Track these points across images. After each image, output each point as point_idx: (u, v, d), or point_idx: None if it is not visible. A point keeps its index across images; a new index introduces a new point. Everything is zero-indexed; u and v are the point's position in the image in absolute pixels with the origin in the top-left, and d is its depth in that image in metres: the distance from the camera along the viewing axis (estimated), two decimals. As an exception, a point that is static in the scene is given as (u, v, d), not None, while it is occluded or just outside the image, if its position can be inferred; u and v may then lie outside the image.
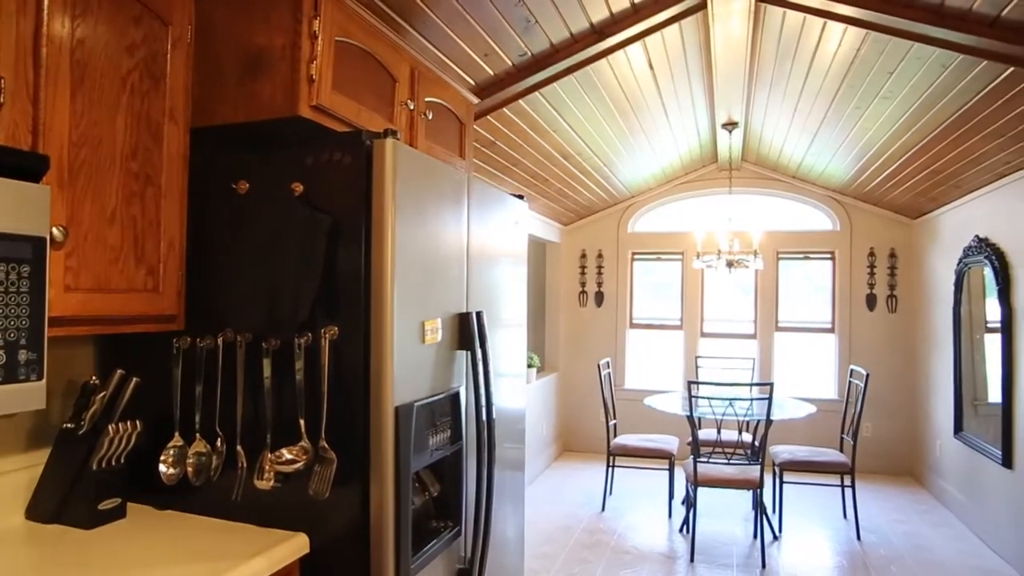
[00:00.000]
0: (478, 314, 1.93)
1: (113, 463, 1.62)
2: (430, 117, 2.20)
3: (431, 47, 2.59)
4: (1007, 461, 4.05)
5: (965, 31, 2.54)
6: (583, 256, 6.70)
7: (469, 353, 1.90)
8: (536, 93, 3.30)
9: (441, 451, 1.80)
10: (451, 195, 1.85)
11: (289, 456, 1.56)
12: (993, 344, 4.31)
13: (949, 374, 5.02)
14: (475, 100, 2.64)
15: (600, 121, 4.02)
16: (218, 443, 1.63)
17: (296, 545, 1.54)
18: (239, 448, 1.62)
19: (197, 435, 1.64)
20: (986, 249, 4.35)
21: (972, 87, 3.04)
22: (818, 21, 2.92)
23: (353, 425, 1.56)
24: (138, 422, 1.64)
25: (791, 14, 2.95)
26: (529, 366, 5.49)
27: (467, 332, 1.88)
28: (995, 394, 4.24)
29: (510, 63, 2.95)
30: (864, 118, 3.88)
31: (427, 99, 2.21)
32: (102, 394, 1.61)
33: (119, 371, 1.63)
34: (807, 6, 2.80)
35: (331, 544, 1.57)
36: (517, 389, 2.38)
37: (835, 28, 2.94)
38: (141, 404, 1.66)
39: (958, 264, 4.85)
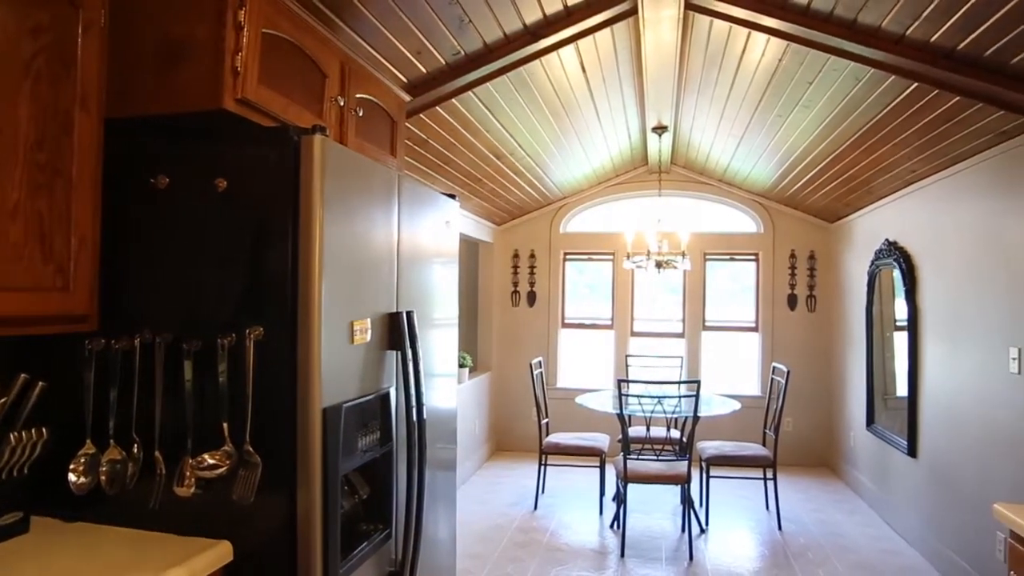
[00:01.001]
0: (408, 314, 1.91)
1: (15, 474, 1.53)
2: (361, 114, 2.16)
3: (363, 43, 2.55)
4: (912, 451, 4.30)
5: (875, 47, 2.69)
6: (516, 256, 6.74)
7: (399, 353, 1.88)
8: (469, 92, 3.29)
9: (371, 453, 1.77)
10: (381, 194, 1.83)
11: (212, 461, 1.51)
12: (901, 341, 4.57)
13: (862, 370, 5.29)
14: (407, 98, 2.61)
15: (533, 122, 4.05)
16: (134, 449, 1.56)
17: (218, 553, 1.48)
18: (157, 454, 1.55)
19: (111, 442, 1.56)
20: (895, 252, 4.61)
21: (882, 100, 3.21)
22: (743, 31, 3.03)
23: (279, 428, 1.51)
24: (44, 429, 1.55)
25: (718, 23, 3.05)
26: (461, 366, 5.47)
27: (397, 332, 1.86)
28: (902, 388, 4.50)
29: (443, 62, 2.93)
30: (785, 126, 4.05)
31: (358, 96, 2.17)
32: (2, 400, 1.51)
33: (22, 375, 1.53)
34: (733, 16, 2.89)
35: (256, 551, 1.52)
36: (449, 389, 2.37)
37: (759, 39, 3.05)
38: (49, 410, 1.57)
39: (870, 266, 5.12)
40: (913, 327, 4.34)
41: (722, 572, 3.85)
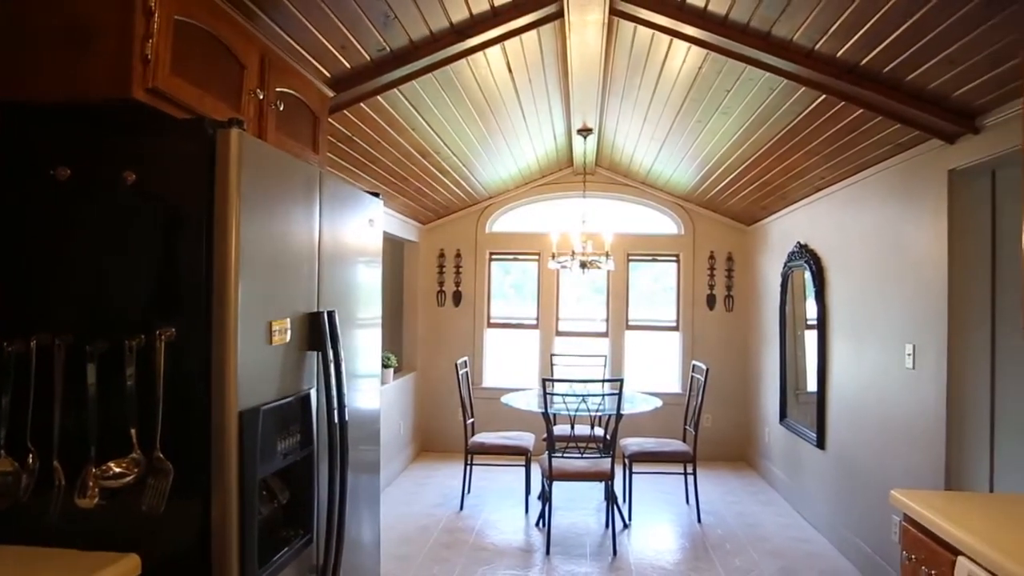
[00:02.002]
0: (330, 314, 1.86)
1: None
2: (281, 108, 2.10)
3: (284, 35, 2.47)
4: (820, 443, 4.53)
5: (787, 59, 2.81)
6: (441, 255, 6.70)
7: (320, 354, 1.83)
8: (395, 90, 3.25)
9: (291, 456, 1.72)
10: (302, 191, 1.78)
11: (118, 470, 1.43)
12: (811, 339, 4.81)
13: (776, 367, 5.53)
14: (331, 93, 2.55)
15: (459, 121, 4.04)
16: (29, 460, 1.46)
17: (125, 567, 1.41)
18: (56, 464, 1.45)
19: (2, 452, 1.45)
20: (806, 254, 4.84)
21: (794, 109, 3.37)
22: (665, 38, 3.11)
23: (193, 433, 1.45)
24: (-74, 439, 1.43)
25: (641, 30, 3.12)
26: (385, 366, 5.40)
27: (318, 332, 1.81)
28: (813, 384, 4.73)
29: (368, 57, 2.88)
30: (705, 131, 4.18)
31: (278, 89, 2.11)
32: None
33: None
34: (656, 24, 2.97)
35: (167, 563, 1.45)
36: (372, 390, 2.33)
37: (680, 46, 3.14)
38: (-68, 418, 1.45)
39: (784, 267, 5.36)
40: (822, 326, 4.57)
41: (644, 566, 3.94)
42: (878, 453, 3.74)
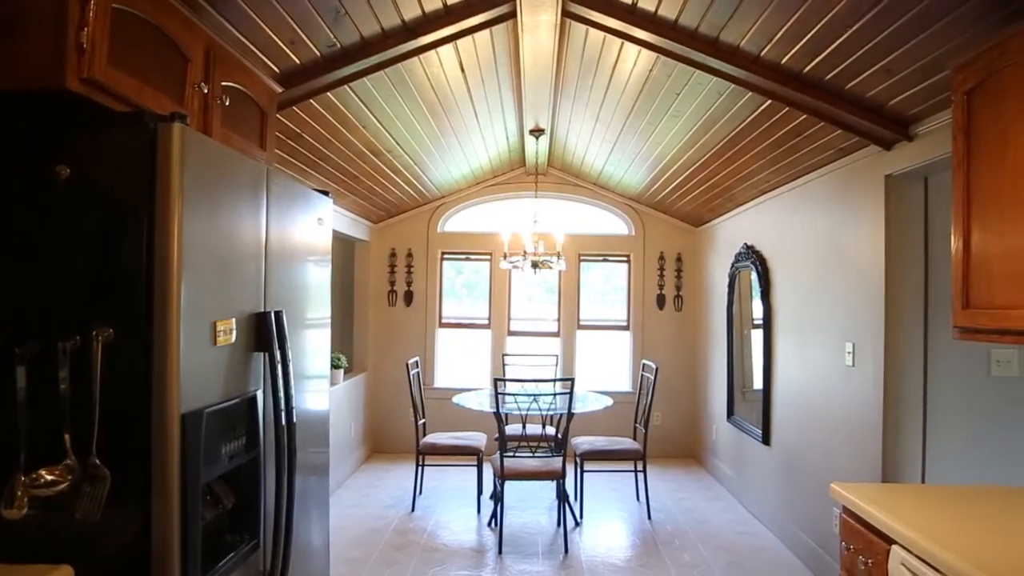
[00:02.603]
0: (277, 314, 1.82)
1: None
2: (227, 103, 2.04)
3: (231, 28, 2.41)
4: (766, 439, 4.65)
5: (735, 64, 2.88)
6: (393, 255, 6.64)
7: (267, 355, 1.79)
8: (346, 87, 3.20)
9: (237, 459, 1.68)
10: (249, 188, 1.74)
11: (50, 478, 1.37)
12: (758, 338, 4.94)
13: (723, 365, 5.66)
14: (279, 89, 2.50)
15: (411, 119, 4.00)
16: (-46, 467, 1.38)
17: (58, 578, 1.35)
18: (-17, 472, 1.38)
19: (-74, 459, 1.38)
20: (752, 255, 4.97)
21: (741, 114, 3.45)
22: (617, 41, 3.15)
23: (132, 437, 1.40)
24: None
25: (593, 32, 3.15)
26: (335, 367, 5.32)
27: (265, 332, 1.77)
28: (759, 382, 4.85)
29: (318, 53, 2.83)
30: (655, 133, 4.25)
31: (224, 83, 2.05)
32: None
33: None
34: (607, 26, 3.00)
35: (104, 573, 1.40)
36: (321, 391, 2.29)
37: (631, 49, 3.18)
38: None
39: (731, 268, 5.48)
40: (767, 325, 4.69)
41: (596, 563, 3.98)
42: (820, 448, 3.86)
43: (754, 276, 4.97)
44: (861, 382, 3.41)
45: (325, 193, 2.31)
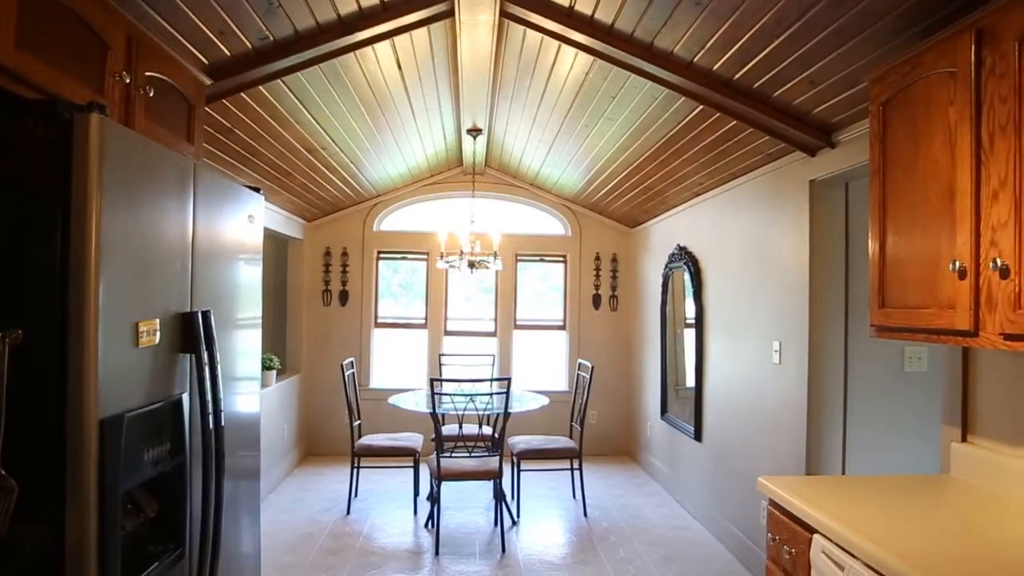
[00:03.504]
0: (204, 313, 1.76)
1: None
2: (151, 94, 1.96)
3: (154, 15, 2.31)
4: (698, 436, 4.78)
5: (669, 69, 2.94)
6: (327, 254, 6.51)
7: (194, 356, 1.73)
8: (279, 81, 3.12)
9: (161, 466, 1.61)
10: (174, 183, 1.67)
11: (-49, 489, 1.28)
12: (690, 337, 5.06)
13: (657, 364, 5.78)
14: (208, 81, 2.41)
15: (347, 117, 3.93)
16: None
17: (-39, 596, 1.26)
18: None
19: None
20: (685, 256, 5.09)
21: (674, 118, 3.53)
22: (554, 43, 3.17)
23: (43, 445, 1.32)
24: None
25: (531, 33, 3.17)
26: (267, 368, 5.18)
27: (191, 333, 1.71)
28: (691, 380, 4.98)
29: (249, 45, 2.75)
30: (591, 135, 4.31)
31: (148, 73, 1.96)
32: None
33: None
34: (545, 28, 3.02)
35: (12, 589, 1.32)
36: (252, 393, 2.23)
37: (568, 52, 3.21)
38: None
39: (664, 268, 5.61)
40: (700, 324, 4.82)
41: (533, 561, 4.00)
42: (749, 443, 3.99)
43: (687, 277, 5.10)
44: (787, 379, 3.54)
45: (256, 190, 2.24)
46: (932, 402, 3.25)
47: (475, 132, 5.02)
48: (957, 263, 1.78)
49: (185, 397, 1.71)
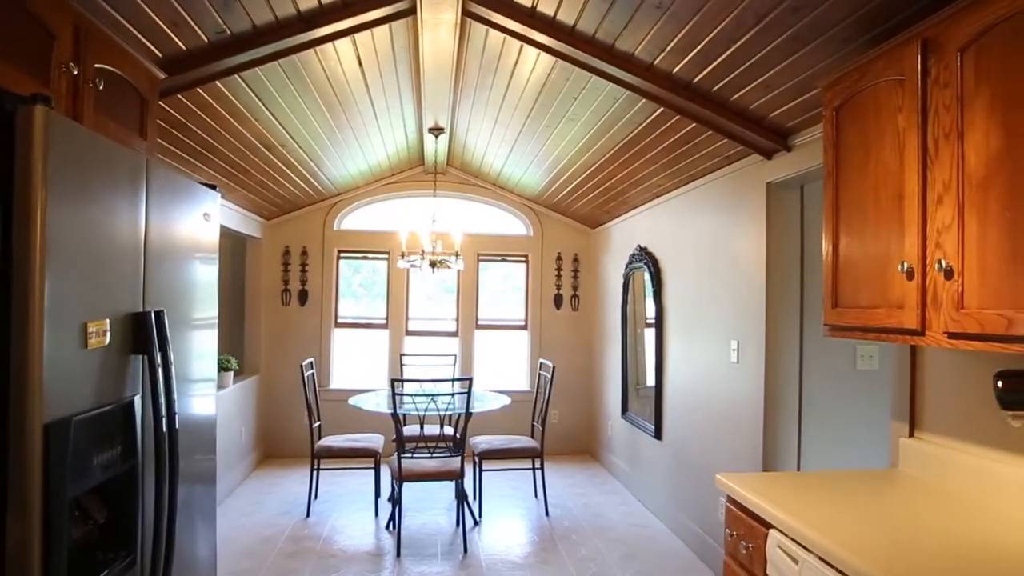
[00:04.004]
0: (158, 314, 1.71)
1: None
2: (101, 87, 1.90)
3: (104, 5, 2.24)
4: (658, 434, 4.84)
5: (630, 71, 2.97)
6: (287, 253, 6.41)
7: (146, 357, 1.68)
8: (236, 76, 3.06)
9: (111, 470, 1.56)
10: (126, 179, 1.62)
11: None
12: (650, 337, 5.12)
13: (618, 363, 5.83)
14: (162, 75, 2.35)
15: (307, 114, 3.88)
16: None
17: None
18: None
19: None
20: (645, 256, 5.15)
21: (635, 119, 3.57)
22: (516, 43, 3.17)
23: (-15, 450, 1.27)
24: None
25: (493, 33, 3.16)
26: (225, 369, 5.07)
27: (144, 334, 1.66)
28: (651, 379, 5.04)
29: (206, 39, 2.68)
30: (553, 136, 4.32)
31: (98, 66, 1.90)
32: None
33: None
34: (507, 28, 3.02)
35: (-49, 600, 1.27)
36: (207, 395, 2.18)
37: (530, 52, 3.22)
38: None
39: (625, 269, 5.66)
40: (660, 324, 4.88)
41: (495, 561, 4.00)
42: (708, 441, 4.05)
43: (647, 277, 5.16)
44: (745, 378, 3.61)
45: (212, 187, 2.19)
46: (883, 399, 3.35)
47: (437, 131, 5.00)
48: (905, 264, 1.84)
49: (137, 399, 1.67)
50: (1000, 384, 1.89)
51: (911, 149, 1.83)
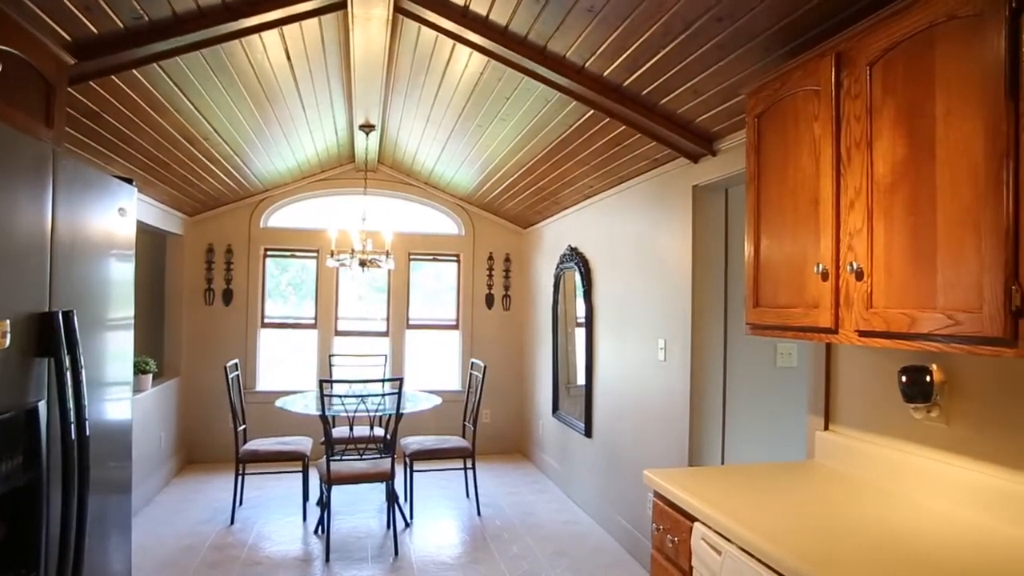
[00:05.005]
0: (66, 314, 1.62)
1: None
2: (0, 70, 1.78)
3: (8, -14, 2.10)
4: (588, 432, 4.91)
5: (561, 73, 3.00)
6: (210, 250, 6.18)
7: (53, 360, 1.58)
8: (155, 65, 2.93)
9: (11, 482, 1.47)
10: (29, 171, 1.53)
11: None
12: (581, 336, 5.19)
13: (549, 363, 5.88)
14: (71, 60, 2.23)
15: (232, 107, 3.75)
16: None
17: None
18: None
19: None
20: (576, 257, 5.21)
21: (566, 121, 3.61)
22: (449, 42, 3.16)
23: None
24: None
25: (426, 30, 3.13)
26: (143, 372, 4.85)
27: (50, 335, 1.57)
28: (582, 378, 5.11)
29: (121, 24, 2.56)
30: (485, 136, 4.32)
31: (-1, 49, 1.79)
32: None
33: None
34: (440, 26, 2.99)
35: None
36: (123, 399, 2.07)
37: (463, 51, 3.21)
38: None
39: (556, 269, 5.72)
40: (590, 323, 4.95)
41: (426, 563, 3.97)
42: (637, 438, 4.14)
43: (578, 277, 5.22)
44: (672, 375, 3.70)
45: (129, 181, 2.09)
46: (801, 395, 3.50)
47: (368, 128, 4.92)
48: (820, 266, 1.92)
49: (42, 405, 1.57)
50: (904, 379, 2.02)
51: (826, 156, 1.92)
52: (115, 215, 1.99)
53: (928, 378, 1.95)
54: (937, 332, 1.55)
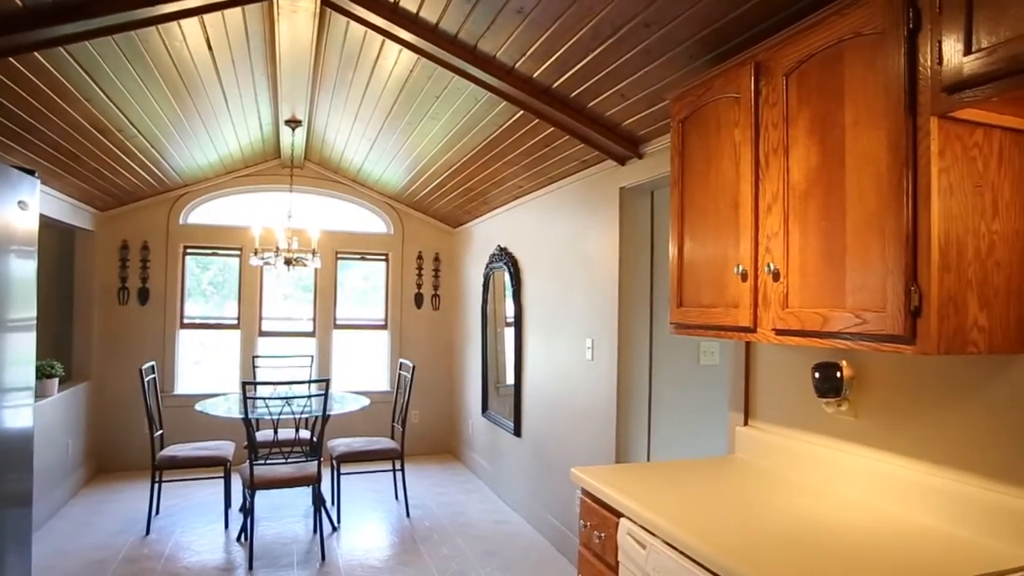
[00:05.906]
0: (-39, 315, 1.51)
1: None
2: None
3: None
4: (517, 431, 4.94)
5: (491, 73, 3.01)
6: (125, 247, 5.88)
7: (-54, 365, 1.48)
8: (61, 49, 2.76)
9: None
10: (-81, 159, 1.41)
11: None
12: (510, 336, 5.21)
13: (478, 362, 5.89)
14: (-34, 42, 2.08)
15: (148, 97, 3.58)
16: None
17: None
18: None
19: None
20: (505, 257, 5.24)
21: (496, 121, 3.62)
22: (378, 38, 3.11)
23: None
24: None
25: (355, 26, 3.08)
26: (47, 376, 4.56)
27: (-58, 338, 1.46)
28: (511, 377, 5.13)
29: (20, 3, 2.40)
30: (415, 134, 4.28)
31: None
32: None
33: None
34: (369, 22, 2.95)
35: None
36: (22, 405, 1.95)
37: (393, 47, 3.17)
38: None
39: (486, 268, 5.73)
40: (519, 323, 4.98)
41: (354, 566, 3.90)
42: (565, 437, 4.19)
43: (507, 277, 5.25)
44: (599, 374, 3.77)
45: (31, 172, 1.97)
46: (723, 391, 3.63)
47: (294, 124, 4.80)
48: (740, 267, 2.00)
49: (-68, 413, 1.46)
50: (817, 375, 2.12)
51: (746, 161, 2.00)
52: (14, 208, 1.87)
53: (839, 374, 2.05)
54: (846, 330, 1.63)
